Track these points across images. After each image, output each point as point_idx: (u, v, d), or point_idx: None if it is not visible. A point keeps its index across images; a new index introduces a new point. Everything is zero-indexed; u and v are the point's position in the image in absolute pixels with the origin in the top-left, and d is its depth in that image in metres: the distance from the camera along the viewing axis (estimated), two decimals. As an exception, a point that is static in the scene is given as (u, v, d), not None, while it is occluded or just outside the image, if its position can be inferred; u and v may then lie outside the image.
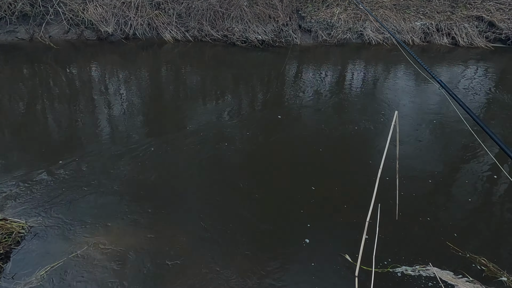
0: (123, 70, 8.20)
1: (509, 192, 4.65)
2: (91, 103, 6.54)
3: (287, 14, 10.79)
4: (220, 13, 10.40)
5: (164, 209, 4.03)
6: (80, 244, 3.53)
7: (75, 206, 4.02)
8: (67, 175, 4.49)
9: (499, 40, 11.31)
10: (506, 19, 11.51)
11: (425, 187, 4.62)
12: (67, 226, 3.75)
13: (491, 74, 9.24)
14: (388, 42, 10.84)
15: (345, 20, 11.01)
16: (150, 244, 3.58)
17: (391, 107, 6.85)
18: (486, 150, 4.37)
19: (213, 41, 10.29)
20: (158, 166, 4.77)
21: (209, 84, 7.78)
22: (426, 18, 11.48)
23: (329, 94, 7.47)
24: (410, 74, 8.79)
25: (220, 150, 5.21)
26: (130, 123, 5.88)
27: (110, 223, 3.81)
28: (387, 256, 3.49)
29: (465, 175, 4.93)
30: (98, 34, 9.78)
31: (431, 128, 6.08)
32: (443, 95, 8.19)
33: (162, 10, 10.33)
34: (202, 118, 6.17)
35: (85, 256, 3.42)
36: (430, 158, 5.24)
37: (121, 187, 4.34)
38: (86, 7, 9.75)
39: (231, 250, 3.55)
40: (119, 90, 7.19)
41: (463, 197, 4.48)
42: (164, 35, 10.13)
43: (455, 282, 3.24)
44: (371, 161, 5.06)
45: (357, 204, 4.10)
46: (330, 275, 3.32)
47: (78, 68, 8.17)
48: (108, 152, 5.01)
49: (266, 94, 7.41)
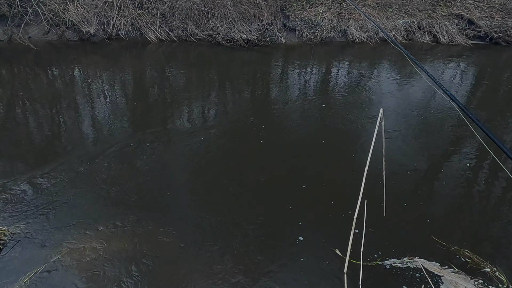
0: (106, 71, 8.05)
1: (490, 186, 4.77)
2: (74, 106, 6.39)
3: (272, 13, 10.80)
4: (204, 12, 10.34)
5: (151, 211, 3.97)
6: (64, 249, 3.45)
7: (58, 211, 3.92)
8: (50, 180, 4.38)
9: (478, 38, 11.61)
10: (484, 17, 11.82)
11: (411, 182, 4.69)
12: (51, 232, 3.65)
13: (472, 70, 9.48)
14: (371, 40, 10.98)
15: (329, 19, 11.10)
16: (135, 247, 3.52)
17: (376, 104, 6.94)
18: (484, 147, 4.48)
19: (198, 40, 10.21)
20: (143, 168, 4.70)
21: (195, 84, 7.72)
22: (408, 16, 11.68)
23: (315, 92, 7.51)
24: (394, 71, 8.92)
25: (207, 151, 5.17)
26: (114, 126, 5.78)
27: (94, 228, 3.73)
28: (376, 250, 3.53)
29: (448, 170, 5.03)
30: (79, 34, 9.58)
31: (415, 124, 6.18)
32: (427, 91, 8.39)
33: (145, 10, 10.19)
34: (189, 119, 6.11)
35: (69, 261, 3.34)
36: (414, 153, 5.33)
37: (105, 191, 4.26)
38: (67, 7, 9.53)
39: (223, 250, 3.53)
40: (103, 92, 7.05)
41: (446, 191, 4.57)
42: (148, 35, 10.00)
43: (441, 273, 3.31)
44: (358, 157, 5.11)
45: (347, 200, 4.13)
46: (320, 270, 3.33)
47: (60, 70, 7.98)
48: (92, 155, 4.91)
49: (252, 94, 7.40)
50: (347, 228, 3.22)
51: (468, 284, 3.19)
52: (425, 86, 7.94)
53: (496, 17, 11.89)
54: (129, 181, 4.44)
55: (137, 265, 3.34)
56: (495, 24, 11.64)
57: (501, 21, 11.76)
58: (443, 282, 3.23)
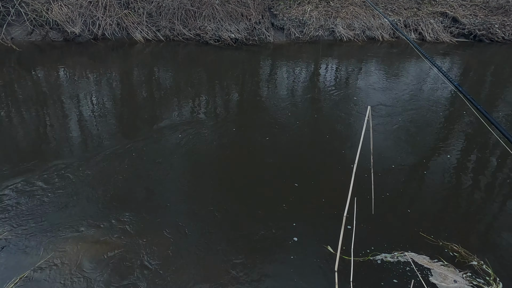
0: (93, 71, 7.92)
1: (475, 181, 4.85)
2: (59, 108, 6.27)
3: (259, 12, 10.80)
4: (191, 11, 10.27)
5: (139, 213, 3.92)
6: (51, 254, 3.38)
7: (44, 216, 3.83)
8: (36, 184, 4.28)
9: (462, 35, 11.82)
10: (468, 15, 12.04)
11: (400, 177, 4.74)
12: (36, 236, 3.57)
13: (457, 66, 9.64)
14: (358, 39, 11.07)
15: (317, 18, 11.15)
16: (124, 250, 3.47)
17: (364, 100, 7.00)
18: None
19: (185, 40, 10.14)
20: (132, 170, 4.63)
21: (183, 85, 7.66)
22: (394, 14, 11.82)
23: (304, 90, 7.53)
24: (382, 69, 9.02)
25: (197, 151, 5.14)
26: (102, 127, 5.69)
27: (81, 231, 3.66)
28: (368, 246, 3.56)
29: (436, 165, 5.10)
30: (64, 35, 9.41)
31: (403, 120, 6.25)
32: (414, 88, 8.48)
33: (132, 10, 10.07)
34: (178, 120, 6.06)
35: (55, 265, 3.27)
36: (403, 149, 5.39)
37: (92, 194, 4.18)
38: (50, 7, 9.35)
39: (214, 248, 3.50)
40: (89, 93, 6.94)
41: (434, 187, 4.63)
42: (134, 35, 9.89)
43: (431, 266, 3.36)
44: (348, 154, 5.14)
45: (338, 197, 4.15)
46: (313, 267, 3.34)
47: (44, 71, 7.82)
48: (78, 159, 4.83)
49: (241, 93, 7.38)
50: (339, 225, 3.23)
51: (456, 277, 3.23)
52: (413, 82, 8.05)
53: (479, 15, 12.13)
54: (116, 183, 4.37)
55: (127, 268, 3.29)
56: (479, 22, 11.87)
57: (484, 18, 12.00)
58: (432, 274, 3.27)
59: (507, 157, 5.38)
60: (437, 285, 3.17)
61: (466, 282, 3.19)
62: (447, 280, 3.21)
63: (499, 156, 5.39)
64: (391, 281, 3.22)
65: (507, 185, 4.77)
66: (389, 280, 3.22)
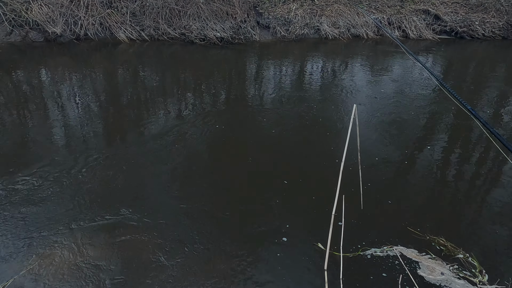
0: (76, 72, 7.75)
1: (460, 176, 4.95)
2: (40, 110, 6.11)
3: (245, 11, 10.76)
4: (176, 10, 10.16)
5: (125, 216, 3.85)
6: (34, 261, 3.28)
7: (26, 221, 3.72)
8: (19, 187, 4.16)
9: (445, 32, 12.05)
10: (449, 12, 12.28)
11: (386, 173, 4.80)
12: (18, 243, 3.47)
13: (440, 63, 9.82)
14: (343, 37, 11.16)
15: (302, 16, 11.19)
16: (111, 254, 3.40)
17: (350, 98, 7.06)
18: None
19: (170, 39, 10.03)
20: (119, 172, 4.55)
21: (168, 84, 7.57)
22: (378, 12, 11.95)
23: (291, 88, 7.55)
24: (367, 66, 9.11)
25: (183, 151, 5.08)
26: (86, 129, 5.57)
27: (66, 236, 3.57)
28: (358, 242, 3.59)
29: (421, 161, 5.18)
30: (45, 35, 9.19)
31: (389, 117, 6.33)
32: (398, 85, 8.58)
33: (115, 9, 9.90)
34: (164, 120, 5.98)
35: (39, 272, 3.18)
36: (389, 146, 5.46)
37: (75, 197, 4.09)
38: (30, 6, 9.11)
39: (203, 247, 3.47)
40: (72, 95, 6.79)
41: (420, 182, 4.71)
42: (118, 35, 9.73)
43: (419, 259, 3.41)
44: (336, 150, 5.18)
45: (328, 194, 4.17)
46: (303, 265, 3.35)
47: (25, 72, 7.61)
48: (64, 161, 4.71)
49: (228, 92, 7.34)
50: (329, 221, 3.24)
51: (444, 269, 3.29)
52: (398, 78, 8.16)
53: (460, 12, 12.38)
54: (100, 186, 4.28)
55: (116, 270, 3.23)
56: (460, 19, 12.11)
57: (465, 16, 12.26)
58: (420, 267, 3.32)
59: (489, 150, 5.51)
60: (424, 277, 3.22)
61: (453, 274, 3.25)
62: (434, 273, 3.26)
63: (482, 150, 5.52)
64: (380, 275, 3.25)
65: (489, 178, 4.88)
66: (378, 274, 3.26)
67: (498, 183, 4.77)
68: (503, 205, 4.29)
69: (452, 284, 3.16)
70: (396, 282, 3.14)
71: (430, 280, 3.20)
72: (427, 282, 3.19)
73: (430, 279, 3.21)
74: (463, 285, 3.15)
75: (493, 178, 4.88)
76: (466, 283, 3.17)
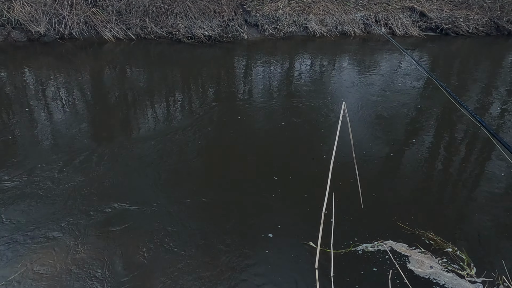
0: (61, 73, 7.60)
1: (447, 171, 5.03)
2: (24, 112, 5.97)
3: (232, 9, 10.72)
4: (163, 9, 10.05)
5: (113, 218, 3.80)
6: (21, 266, 3.21)
7: (14, 223, 3.64)
8: (5, 191, 4.06)
9: (430, 29, 12.23)
10: (434, 9, 12.47)
11: (375, 169, 4.84)
12: (8, 246, 3.38)
13: (426, 59, 9.96)
14: (331, 34, 11.22)
15: (290, 14, 11.20)
16: (99, 258, 3.35)
17: (339, 94, 7.10)
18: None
19: (157, 38, 9.93)
20: (107, 174, 4.48)
21: (156, 84, 7.49)
22: (365, 9, 12.05)
23: (279, 86, 7.55)
24: (355, 63, 9.18)
25: (173, 149, 5.03)
26: (72, 131, 5.47)
27: (55, 239, 3.50)
28: (350, 238, 3.61)
29: (409, 156, 5.25)
30: (28, 34, 8.99)
31: (377, 113, 6.38)
32: (385, 82, 8.68)
33: (100, 7, 9.74)
34: (152, 120, 5.92)
35: (28, 277, 3.11)
36: (377, 141, 5.51)
37: (63, 200, 4.01)
38: (12, 5, 8.89)
39: (192, 246, 3.44)
40: (57, 95, 6.65)
41: (408, 177, 4.77)
42: (104, 34, 9.58)
43: (409, 253, 3.46)
44: (326, 147, 5.20)
45: (317, 191, 4.18)
46: (294, 263, 3.36)
47: (7, 73, 7.42)
48: (50, 163, 4.61)
49: (216, 90, 7.30)
50: (320, 219, 3.25)
51: (433, 263, 3.34)
52: (385, 74, 8.24)
53: (445, 9, 12.58)
54: (87, 188, 4.21)
55: (105, 274, 3.18)
56: (444, 16, 12.31)
57: (449, 13, 12.46)
58: (410, 261, 3.37)
59: (476, 144, 5.62)
60: (414, 271, 3.26)
61: (442, 268, 3.30)
62: (423, 266, 3.31)
63: (470, 144, 5.62)
64: (371, 270, 3.28)
65: (476, 173, 4.98)
66: (369, 269, 3.29)
67: (485, 176, 4.86)
68: (489, 197, 4.38)
69: (441, 277, 3.21)
70: (386, 276, 3.17)
71: (419, 274, 3.25)
72: (416, 276, 3.23)
73: (420, 273, 3.25)
74: (451, 278, 3.20)
75: (479, 173, 4.98)
76: (454, 276, 3.23)
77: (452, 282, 3.17)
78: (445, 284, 3.16)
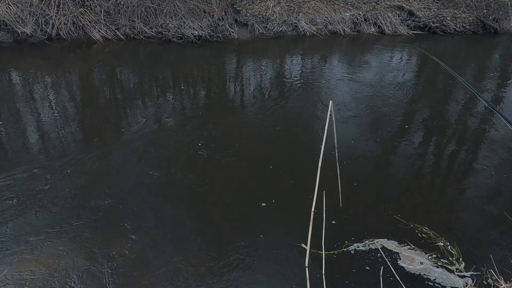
0: (48, 74, 7.48)
1: (438, 165, 5.10)
2: (14, 114, 5.87)
3: (222, 9, 10.69)
4: (152, 8, 9.98)
5: (102, 221, 3.76)
6: (6, 272, 3.16)
7: (7, 223, 3.58)
8: (-11, 194, 3.99)
9: (418, 28, 12.37)
10: (422, 8, 12.61)
11: (366, 167, 4.88)
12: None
13: (415, 58, 10.07)
14: (321, 33, 11.27)
15: (280, 13, 11.22)
16: (89, 262, 3.32)
17: (329, 93, 7.14)
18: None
19: (147, 38, 9.85)
20: (97, 177, 4.44)
21: (146, 85, 7.43)
22: (354, 8, 12.13)
23: (270, 85, 7.56)
24: (345, 62, 9.24)
25: (164, 149, 5.00)
26: (61, 133, 5.39)
27: (43, 243, 3.46)
28: (341, 238, 3.63)
29: (400, 153, 5.31)
30: (14, 35, 8.84)
31: (367, 111, 6.44)
32: (375, 82, 8.73)
33: (88, 8, 9.62)
34: (142, 121, 5.87)
35: (13, 284, 3.07)
36: (367, 139, 5.56)
37: (51, 204, 3.96)
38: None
39: (183, 245, 3.43)
40: (45, 97, 6.55)
41: (400, 173, 4.82)
42: (92, 34, 9.46)
43: (399, 250, 3.50)
44: (317, 145, 5.23)
45: (309, 191, 4.20)
46: (285, 263, 3.37)
47: (-7, 75, 7.29)
48: (38, 166, 4.55)
49: (207, 90, 7.27)
50: (316, 220, 3.25)
51: (423, 259, 3.39)
52: (376, 73, 8.31)
53: (433, 8, 12.73)
54: (75, 192, 4.17)
55: (94, 278, 3.15)
56: (432, 15, 12.46)
57: (437, 11, 12.62)
58: (400, 258, 3.41)
59: (465, 139, 5.70)
60: (405, 268, 3.31)
61: (432, 263, 3.35)
62: (414, 263, 3.35)
63: (458, 141, 5.70)
64: (364, 269, 3.31)
65: (466, 168, 5.06)
66: (361, 268, 3.32)
67: (474, 170, 4.94)
68: (479, 192, 4.45)
69: (431, 272, 3.26)
70: (378, 274, 3.20)
71: (410, 270, 3.29)
72: (407, 272, 3.27)
73: (410, 269, 3.29)
74: (441, 273, 3.25)
75: (469, 168, 5.05)
76: (444, 271, 3.28)
77: (442, 277, 3.22)
78: (435, 279, 3.21)
